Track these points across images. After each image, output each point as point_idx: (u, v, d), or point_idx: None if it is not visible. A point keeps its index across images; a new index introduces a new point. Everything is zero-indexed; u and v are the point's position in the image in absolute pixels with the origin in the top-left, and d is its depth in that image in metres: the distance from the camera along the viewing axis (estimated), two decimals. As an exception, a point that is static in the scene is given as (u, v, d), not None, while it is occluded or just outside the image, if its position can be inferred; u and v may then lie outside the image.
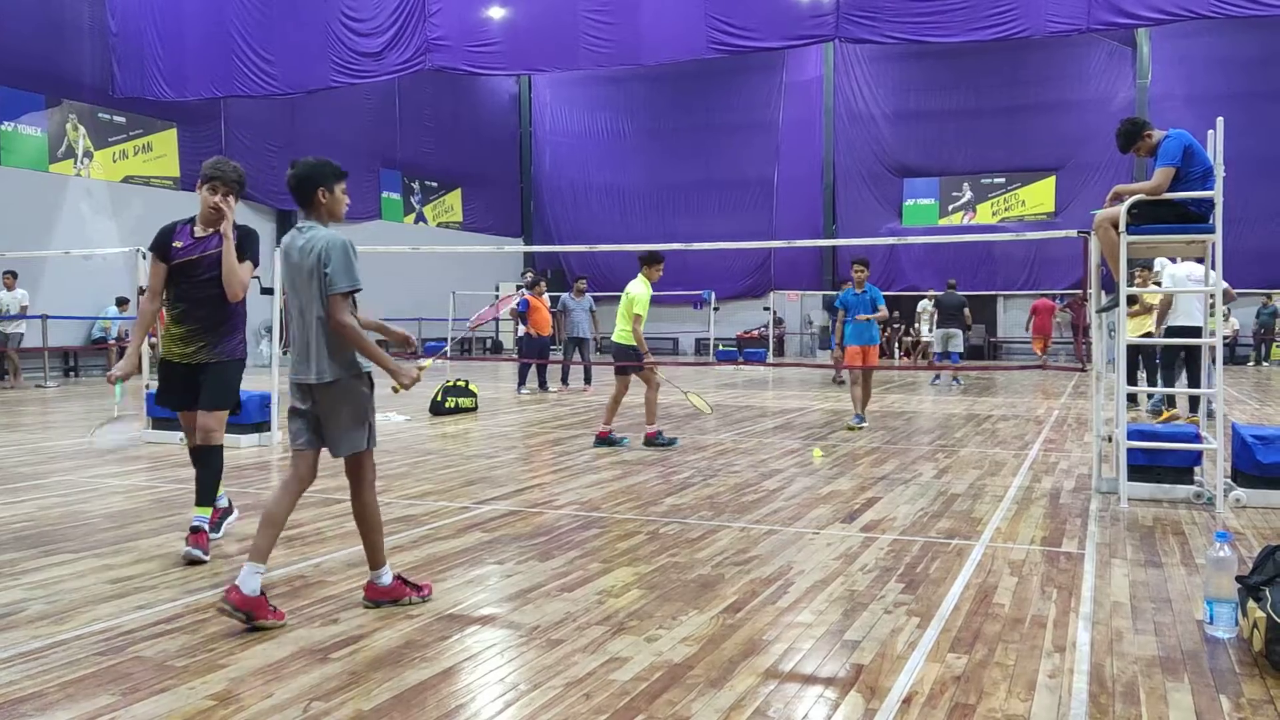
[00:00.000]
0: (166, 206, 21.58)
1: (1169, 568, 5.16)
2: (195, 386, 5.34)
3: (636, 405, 10.22)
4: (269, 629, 4.03)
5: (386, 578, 4.45)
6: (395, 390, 4.48)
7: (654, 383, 10.01)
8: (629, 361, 9.96)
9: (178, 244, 5.29)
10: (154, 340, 17.10)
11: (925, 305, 23.54)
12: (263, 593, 4.10)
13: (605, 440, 9.79)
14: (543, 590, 4.70)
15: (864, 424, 11.59)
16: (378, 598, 4.42)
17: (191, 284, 5.27)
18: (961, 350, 18.72)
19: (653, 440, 9.80)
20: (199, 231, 5.34)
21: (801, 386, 18.36)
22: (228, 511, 5.80)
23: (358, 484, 4.45)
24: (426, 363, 4.75)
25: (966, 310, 18.98)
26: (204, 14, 19.69)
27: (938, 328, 18.84)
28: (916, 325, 24.20)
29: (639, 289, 9.94)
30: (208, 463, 5.41)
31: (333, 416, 4.33)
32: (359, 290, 4.25)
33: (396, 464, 8.65)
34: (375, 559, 4.46)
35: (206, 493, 5.38)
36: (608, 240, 29.56)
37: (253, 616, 4.02)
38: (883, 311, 11.80)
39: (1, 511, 6.47)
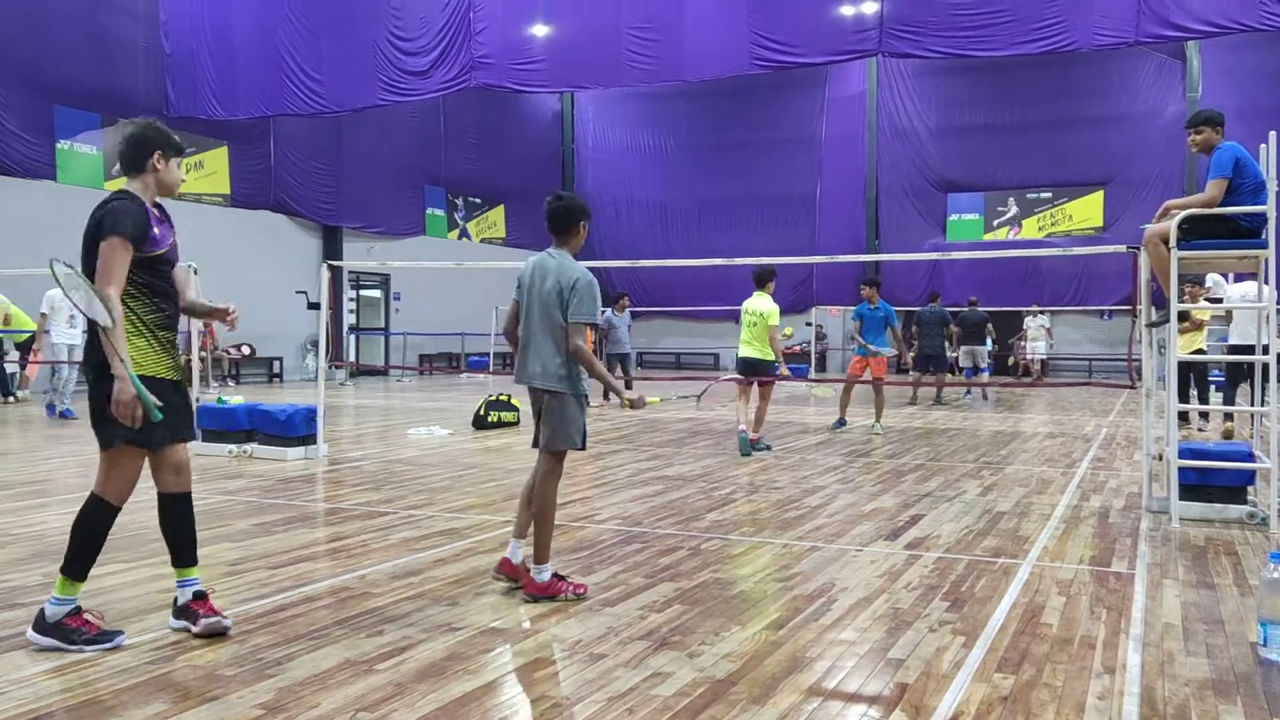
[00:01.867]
0: (217, 222, 21.97)
1: (1222, 589, 5.07)
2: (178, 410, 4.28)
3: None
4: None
5: (545, 574, 4.76)
6: (624, 407, 5.21)
7: (769, 395, 10.80)
8: (760, 375, 10.63)
9: (155, 231, 4.16)
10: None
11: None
12: (522, 562, 4.82)
13: (756, 446, 10.39)
14: (585, 604, 4.71)
15: (844, 428, 12.59)
16: (535, 593, 4.74)
17: (167, 281, 4.24)
18: (984, 364, 18.92)
19: (754, 446, 10.36)
20: (157, 215, 4.26)
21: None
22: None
23: (546, 475, 4.88)
24: (654, 400, 5.51)
25: (990, 325, 19.09)
26: (255, 34, 20.07)
27: (961, 345, 18.91)
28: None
29: (770, 304, 10.57)
30: (190, 512, 4.40)
31: (550, 419, 4.86)
32: (595, 323, 5.07)
33: (440, 477, 8.72)
34: (540, 554, 4.80)
35: (193, 548, 4.38)
36: (649, 256, 29.63)
37: (519, 581, 4.81)
38: (895, 330, 12.90)
39: (55, 522, 6.60)
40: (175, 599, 4.32)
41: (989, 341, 19.87)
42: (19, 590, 4.86)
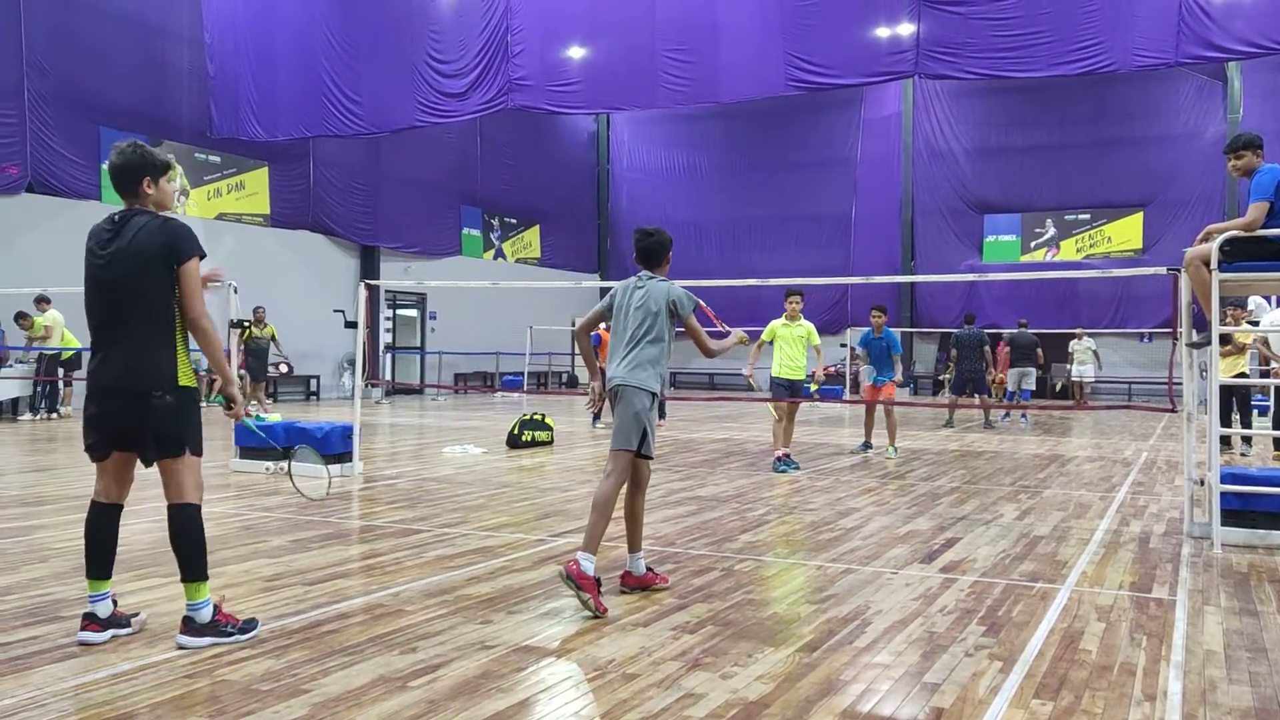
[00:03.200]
0: (257, 242, 22.30)
1: (1265, 616, 4.97)
2: None
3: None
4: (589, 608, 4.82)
5: (587, 566, 4.90)
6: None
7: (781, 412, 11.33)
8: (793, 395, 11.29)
9: None
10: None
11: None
12: (595, 578, 4.92)
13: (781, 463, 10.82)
14: (617, 624, 4.70)
15: (868, 450, 12.79)
16: (631, 585, 5.29)
17: None
18: (1033, 388, 18.76)
19: (780, 462, 10.83)
20: None
21: (878, 424, 18.09)
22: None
23: (633, 486, 5.36)
24: (735, 336, 5.86)
25: (1040, 349, 18.89)
26: (296, 57, 20.39)
27: (1011, 367, 18.74)
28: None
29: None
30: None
31: (619, 414, 5.29)
32: (699, 305, 5.51)
33: (474, 496, 8.75)
34: (586, 543, 5.04)
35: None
36: (683, 276, 29.50)
37: (583, 590, 4.84)
38: (897, 359, 12.96)
39: (97, 535, 6.69)
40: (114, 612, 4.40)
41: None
42: (60, 603, 4.93)
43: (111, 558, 4.41)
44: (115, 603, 4.46)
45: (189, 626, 4.26)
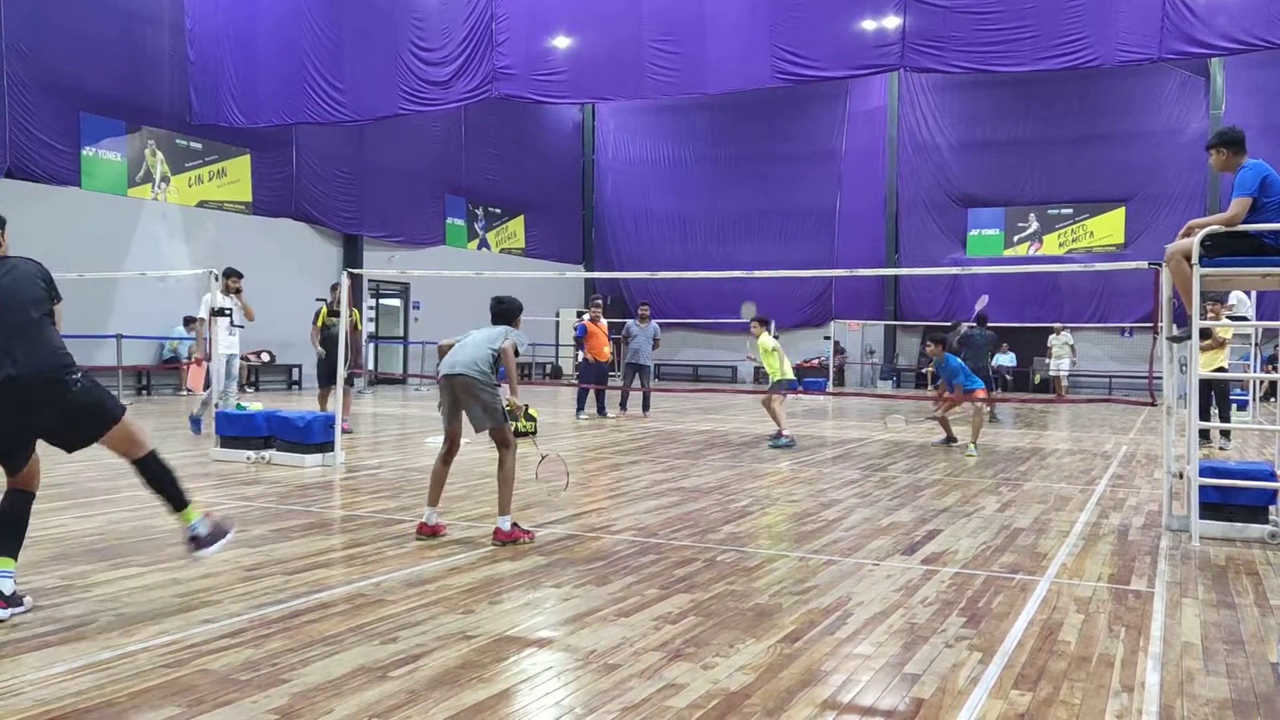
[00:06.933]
0: (238, 230, 22.14)
1: (1242, 608, 5.01)
2: None
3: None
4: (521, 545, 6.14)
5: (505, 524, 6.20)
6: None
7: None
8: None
9: None
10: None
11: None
12: (513, 525, 6.29)
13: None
14: (599, 615, 4.70)
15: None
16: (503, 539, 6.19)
17: None
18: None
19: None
20: None
21: (861, 416, 18.17)
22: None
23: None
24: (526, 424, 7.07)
25: (1002, 345, 19.17)
26: (278, 44, 20.21)
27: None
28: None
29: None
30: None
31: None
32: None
33: (456, 486, 8.72)
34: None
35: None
36: (668, 267, 29.66)
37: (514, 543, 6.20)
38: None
39: (74, 525, 6.65)
40: None
41: (1005, 357, 19.93)
42: (38, 592, 4.89)
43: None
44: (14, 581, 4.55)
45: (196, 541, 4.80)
